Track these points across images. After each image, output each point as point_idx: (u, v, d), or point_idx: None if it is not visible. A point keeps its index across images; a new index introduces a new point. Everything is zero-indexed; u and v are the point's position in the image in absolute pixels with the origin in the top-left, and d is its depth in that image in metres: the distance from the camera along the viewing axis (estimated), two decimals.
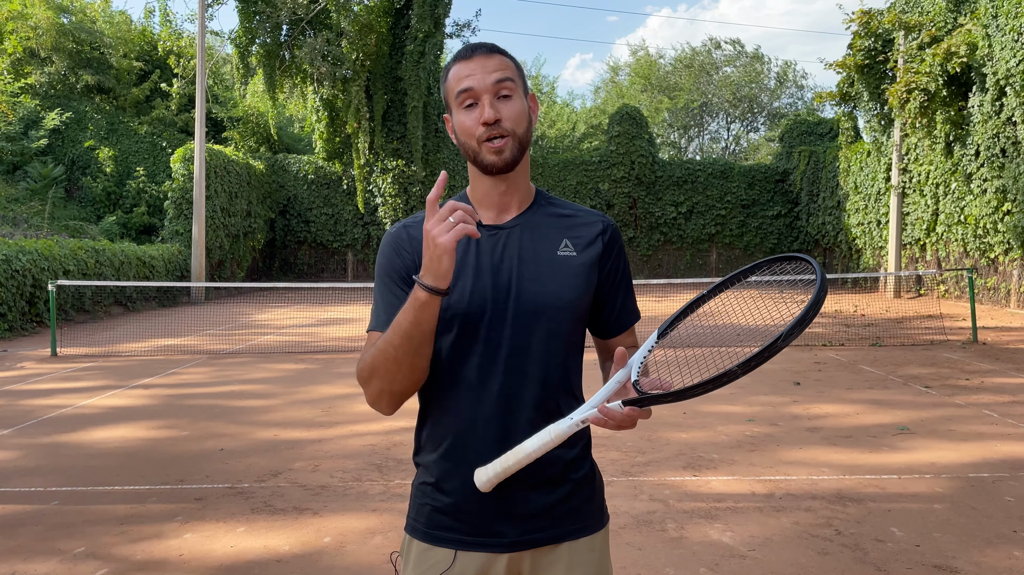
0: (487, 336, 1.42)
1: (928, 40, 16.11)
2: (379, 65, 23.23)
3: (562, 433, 1.30)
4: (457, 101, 1.43)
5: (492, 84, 1.41)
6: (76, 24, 25.05)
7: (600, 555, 1.50)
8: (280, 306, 18.70)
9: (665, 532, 3.79)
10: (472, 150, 1.43)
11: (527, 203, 1.52)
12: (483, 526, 1.42)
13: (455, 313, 1.42)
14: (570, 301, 1.45)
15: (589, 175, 26.26)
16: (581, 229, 1.52)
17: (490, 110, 1.39)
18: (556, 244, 1.48)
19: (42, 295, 13.27)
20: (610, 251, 1.52)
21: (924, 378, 8.00)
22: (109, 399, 7.34)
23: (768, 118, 43.75)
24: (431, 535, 1.45)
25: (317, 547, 3.66)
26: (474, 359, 1.42)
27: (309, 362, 9.59)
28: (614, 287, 1.55)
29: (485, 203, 1.50)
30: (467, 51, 1.45)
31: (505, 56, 1.46)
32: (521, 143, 1.43)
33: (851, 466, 4.90)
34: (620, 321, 1.57)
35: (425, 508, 1.47)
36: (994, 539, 3.66)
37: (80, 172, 24.32)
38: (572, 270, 1.47)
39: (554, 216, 1.52)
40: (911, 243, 18.94)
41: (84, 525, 3.97)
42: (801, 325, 1.16)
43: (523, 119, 1.44)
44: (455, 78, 1.44)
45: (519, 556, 1.44)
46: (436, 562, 1.43)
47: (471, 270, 1.44)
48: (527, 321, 1.42)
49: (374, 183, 25.11)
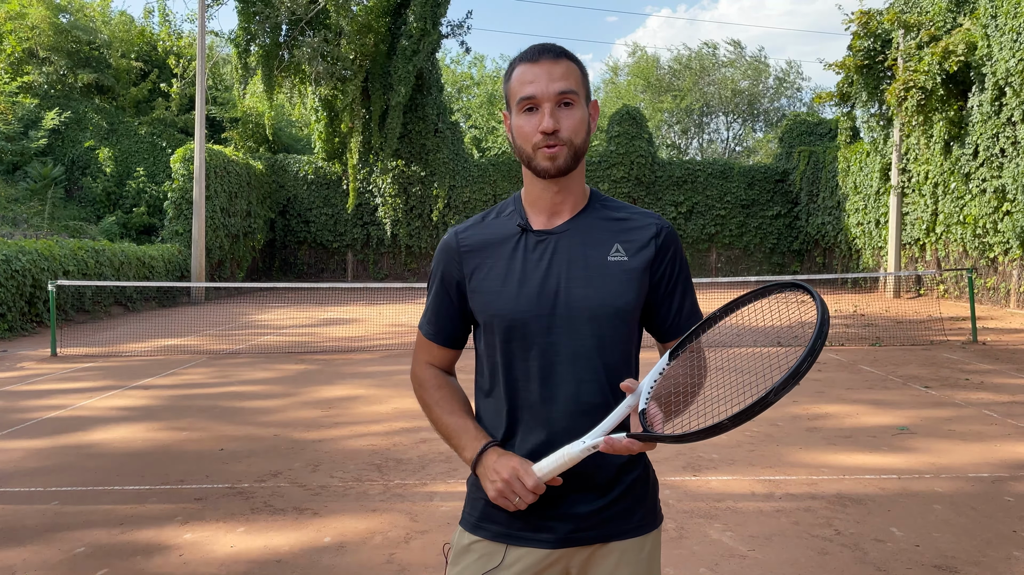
0: (536, 341, 1.43)
1: (927, 39, 16.11)
2: (377, 65, 23.24)
3: (574, 456, 1.32)
4: (518, 105, 1.43)
5: (555, 94, 1.41)
6: (74, 23, 25.03)
7: (649, 556, 1.50)
8: (280, 306, 18.70)
9: (665, 532, 3.79)
10: (527, 154, 1.44)
11: (580, 206, 1.51)
12: (534, 522, 1.43)
13: (503, 319, 1.44)
14: (619, 308, 1.45)
15: (589, 175, 26.22)
16: (634, 232, 1.50)
17: (550, 120, 1.40)
18: (607, 249, 1.48)
19: (42, 295, 13.27)
20: (664, 254, 1.51)
21: (924, 378, 8.00)
22: (109, 399, 7.34)
23: (767, 118, 43.78)
24: (482, 528, 1.47)
25: (317, 547, 3.66)
26: (525, 363, 1.44)
27: (309, 362, 9.59)
28: (669, 290, 1.53)
29: (538, 206, 1.50)
30: (534, 53, 1.44)
31: (572, 62, 1.45)
32: (577, 152, 1.44)
33: (851, 466, 4.90)
34: (679, 325, 1.54)
35: (479, 502, 1.49)
36: (994, 539, 3.66)
37: (80, 172, 24.32)
38: (623, 275, 1.46)
39: (607, 219, 1.52)
40: (910, 243, 18.94)
41: (84, 525, 3.97)
42: (795, 378, 1.17)
43: (582, 129, 1.44)
44: (519, 81, 1.44)
45: (569, 553, 1.45)
46: (486, 554, 1.45)
47: (517, 275, 1.45)
48: (576, 327, 1.43)
49: (374, 183, 25.11)
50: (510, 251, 1.47)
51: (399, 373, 8.63)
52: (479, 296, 1.48)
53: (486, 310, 1.47)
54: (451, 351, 1.60)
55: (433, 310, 1.57)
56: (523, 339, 1.44)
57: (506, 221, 1.52)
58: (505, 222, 1.52)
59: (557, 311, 1.43)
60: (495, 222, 1.53)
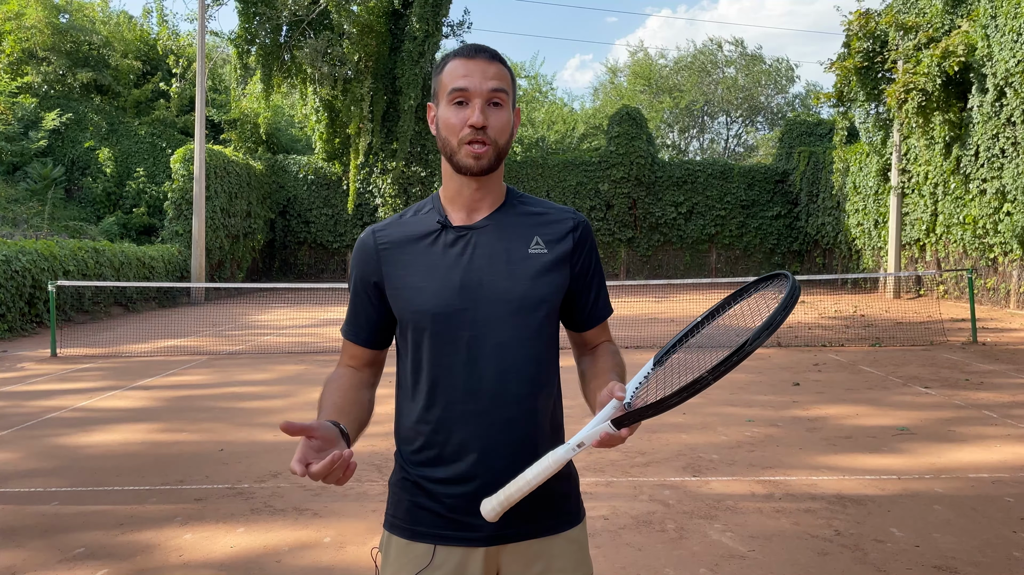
0: (460, 335, 1.44)
1: (925, 41, 16.12)
2: (379, 66, 23.25)
3: (560, 459, 1.32)
4: (448, 96, 1.45)
5: (487, 91, 1.43)
6: (71, 23, 25.00)
7: (579, 548, 1.52)
8: (280, 307, 18.69)
9: (665, 533, 3.79)
10: (451, 148, 1.46)
11: (498, 203, 1.54)
12: (461, 520, 1.44)
13: (425, 314, 1.44)
14: (542, 297, 1.47)
15: (589, 176, 26.27)
16: (552, 226, 1.54)
17: (480, 115, 1.42)
18: (527, 242, 1.50)
19: (42, 295, 13.27)
20: (581, 247, 1.55)
21: (924, 379, 8.00)
22: (109, 400, 7.34)
23: (767, 118, 43.80)
24: (411, 531, 1.47)
25: (317, 547, 3.66)
26: (450, 357, 1.44)
27: (309, 363, 9.59)
28: (587, 282, 1.57)
29: (457, 202, 1.52)
30: (470, 50, 1.47)
31: (504, 67, 1.48)
32: (500, 153, 1.47)
33: (851, 467, 4.90)
34: (593, 315, 1.60)
35: (404, 504, 1.49)
36: (994, 539, 3.66)
37: (80, 173, 24.33)
38: (543, 267, 1.49)
39: (525, 215, 1.54)
40: (910, 244, 18.95)
41: (84, 525, 3.97)
42: (769, 329, 1.17)
43: (507, 130, 1.47)
44: (451, 73, 1.46)
45: (496, 550, 1.45)
46: (416, 557, 1.45)
47: (441, 270, 1.46)
48: (500, 319, 1.44)
49: (374, 183, 25.11)
50: (428, 247, 1.49)
51: None
52: (400, 293, 1.48)
53: (408, 307, 1.47)
54: (370, 351, 1.59)
55: (352, 310, 1.58)
56: (447, 334, 1.44)
57: (424, 218, 1.54)
58: (423, 219, 1.54)
59: (480, 304, 1.44)
60: (413, 219, 1.55)
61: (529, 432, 1.45)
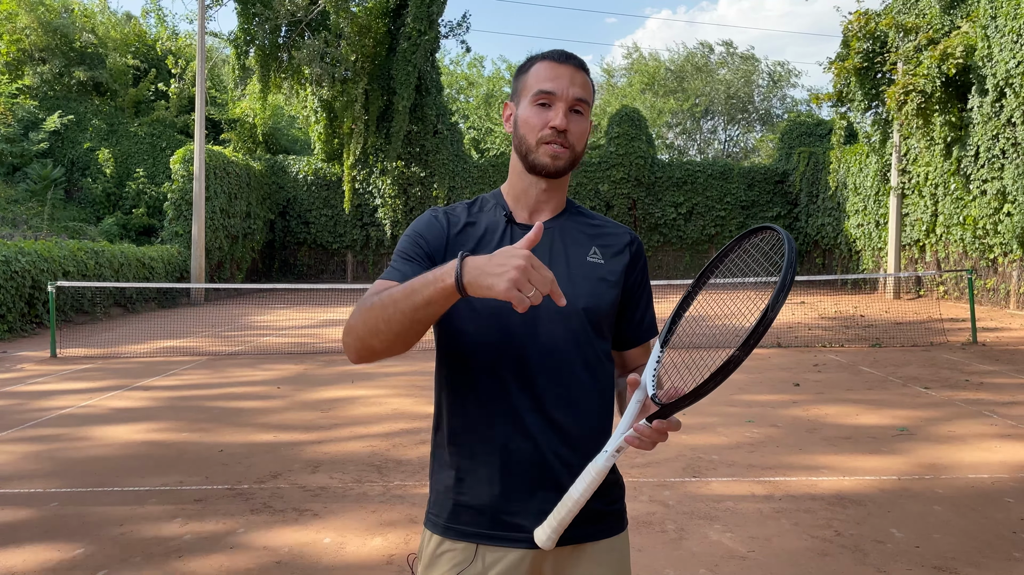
0: (516, 332, 1.42)
1: (925, 42, 16.13)
2: (377, 66, 23.26)
3: (602, 468, 1.30)
4: (533, 96, 1.46)
5: (572, 97, 1.45)
6: (64, 23, 24.92)
7: (621, 555, 1.51)
8: (280, 307, 18.69)
9: (665, 533, 3.79)
10: (528, 146, 1.46)
11: (560, 209, 1.55)
12: (505, 521, 1.41)
13: (484, 306, 1.41)
14: (598, 305, 1.47)
15: (589, 176, 26.26)
16: (609, 239, 1.56)
17: (563, 119, 1.43)
18: (586, 250, 1.52)
19: (41, 296, 13.27)
20: (636, 263, 1.56)
21: (924, 379, 8.00)
22: (109, 400, 7.34)
23: (762, 119, 43.81)
24: (452, 530, 1.44)
25: (317, 548, 3.66)
26: (502, 355, 1.42)
27: (309, 363, 9.59)
28: (637, 299, 1.58)
29: (522, 200, 1.53)
30: (560, 56, 1.48)
31: (590, 79, 1.51)
32: (575, 159, 1.48)
33: (851, 467, 4.90)
34: (639, 333, 1.59)
35: (447, 503, 1.46)
36: (994, 540, 3.66)
37: (80, 173, 24.33)
38: (601, 276, 1.50)
39: (584, 224, 1.56)
40: (910, 244, 18.95)
41: (84, 526, 3.97)
42: (784, 291, 1.15)
43: (584, 139, 1.50)
44: (538, 75, 1.47)
45: (542, 554, 1.43)
46: (460, 557, 1.43)
47: None
48: (556, 320, 1.43)
49: (373, 184, 25.12)
50: (498, 240, 1.48)
51: (399, 374, 8.62)
52: None
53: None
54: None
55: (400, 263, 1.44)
56: (504, 328, 1.42)
57: (490, 213, 1.54)
58: (489, 214, 1.54)
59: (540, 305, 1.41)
60: (479, 214, 1.55)
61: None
